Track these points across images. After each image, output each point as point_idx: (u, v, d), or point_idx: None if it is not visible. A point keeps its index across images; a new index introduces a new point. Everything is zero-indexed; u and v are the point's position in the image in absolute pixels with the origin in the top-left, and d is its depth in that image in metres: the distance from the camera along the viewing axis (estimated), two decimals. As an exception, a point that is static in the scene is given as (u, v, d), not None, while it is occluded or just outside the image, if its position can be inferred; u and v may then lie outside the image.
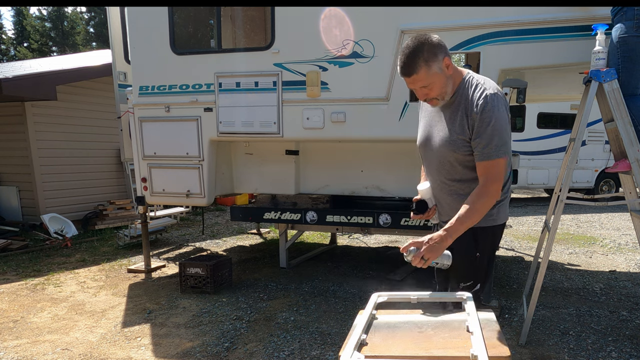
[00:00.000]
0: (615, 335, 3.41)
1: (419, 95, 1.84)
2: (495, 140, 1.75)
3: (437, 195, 2.04)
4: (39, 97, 6.91)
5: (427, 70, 1.74)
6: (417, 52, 1.73)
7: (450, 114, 1.87)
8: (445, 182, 1.96)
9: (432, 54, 1.74)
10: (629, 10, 2.78)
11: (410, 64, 1.73)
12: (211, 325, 3.67)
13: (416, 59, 1.72)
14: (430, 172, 2.02)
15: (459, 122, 1.83)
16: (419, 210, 2.05)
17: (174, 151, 4.50)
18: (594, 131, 10.44)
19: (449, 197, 1.98)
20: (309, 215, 4.56)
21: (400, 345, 1.36)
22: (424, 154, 2.04)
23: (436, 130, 1.93)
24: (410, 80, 1.78)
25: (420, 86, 1.79)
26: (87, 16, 32.13)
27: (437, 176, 1.98)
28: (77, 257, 5.97)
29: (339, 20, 3.83)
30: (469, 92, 1.82)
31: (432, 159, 1.97)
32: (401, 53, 1.76)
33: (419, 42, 1.73)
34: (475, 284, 1.94)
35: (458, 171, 1.90)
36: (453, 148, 1.85)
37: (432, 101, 1.86)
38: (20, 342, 3.42)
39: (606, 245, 6.51)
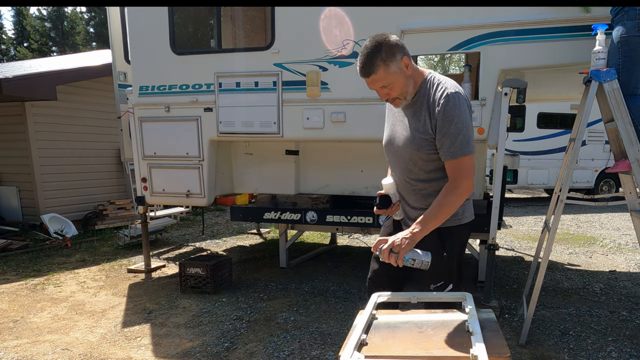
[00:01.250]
0: (615, 335, 3.41)
1: (380, 95, 1.86)
2: (460, 138, 1.78)
3: (402, 193, 2.05)
4: (39, 97, 6.90)
5: (386, 70, 1.75)
6: (375, 52, 1.73)
7: (413, 114, 1.89)
8: (409, 182, 1.98)
9: (390, 54, 1.74)
10: (630, 10, 2.78)
11: (369, 64, 1.74)
12: (211, 325, 3.67)
13: (374, 59, 1.73)
14: (394, 171, 2.05)
15: (422, 122, 1.85)
16: (383, 205, 2.04)
17: (174, 151, 4.51)
18: (594, 131, 10.44)
19: (413, 195, 2.00)
20: (309, 215, 4.56)
21: (400, 345, 1.36)
22: (388, 154, 2.07)
23: (400, 130, 1.96)
24: (370, 80, 1.78)
25: (380, 86, 1.80)
26: (87, 16, 32.13)
27: (402, 175, 2.00)
28: (77, 257, 5.97)
29: (339, 20, 3.83)
30: (431, 92, 1.83)
31: (396, 158, 2.00)
32: (360, 54, 1.76)
33: (376, 43, 1.74)
34: (446, 284, 1.95)
35: (422, 170, 1.92)
36: (417, 147, 1.87)
37: (394, 101, 1.87)
38: (20, 342, 3.42)
39: (606, 245, 6.51)
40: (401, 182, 2.02)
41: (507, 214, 9.52)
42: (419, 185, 1.96)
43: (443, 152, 1.82)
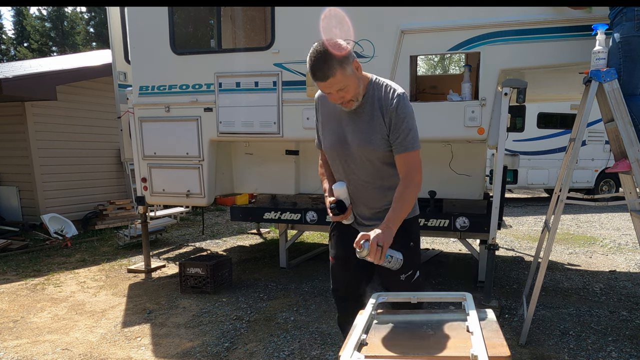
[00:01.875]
0: (615, 335, 3.41)
1: (334, 98, 1.85)
2: (410, 134, 1.89)
3: (357, 195, 2.06)
4: (39, 97, 6.91)
5: (343, 72, 1.76)
6: (331, 56, 1.74)
7: (366, 114, 1.93)
8: (367, 181, 2.01)
9: (344, 58, 1.77)
10: (629, 11, 2.79)
11: (326, 68, 1.74)
12: (211, 325, 3.67)
13: (331, 62, 1.74)
14: (346, 173, 2.04)
15: (376, 121, 1.91)
16: (340, 210, 2.03)
17: (174, 151, 4.51)
18: (594, 131, 10.44)
19: (372, 195, 2.03)
20: (309, 215, 4.56)
21: (400, 345, 1.37)
22: (338, 157, 2.04)
23: (351, 132, 1.96)
24: (327, 84, 1.78)
25: (337, 89, 1.80)
26: (87, 16, 32.12)
27: (358, 176, 2.01)
28: (77, 257, 5.97)
29: (339, 20, 3.82)
30: (381, 92, 1.91)
31: (351, 160, 2.00)
32: (313, 58, 1.76)
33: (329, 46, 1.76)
34: (414, 272, 2.05)
35: (380, 168, 1.98)
36: (374, 147, 1.92)
37: (348, 103, 1.88)
38: (20, 342, 3.42)
39: (606, 245, 6.51)
40: (358, 184, 2.03)
41: (507, 214, 9.52)
42: (378, 183, 2.01)
43: (396, 145, 1.90)
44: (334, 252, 2.22)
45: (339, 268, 2.21)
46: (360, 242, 1.72)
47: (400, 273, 1.99)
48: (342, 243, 2.15)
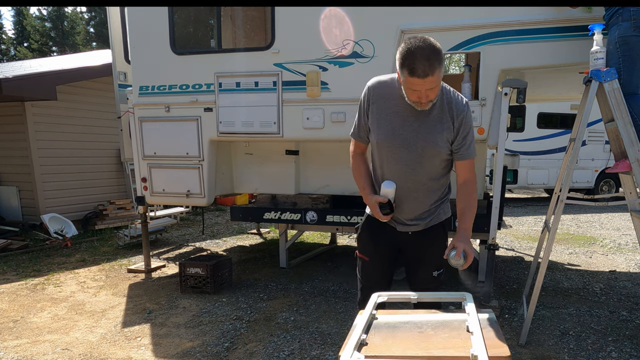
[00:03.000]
0: (615, 335, 3.41)
1: (419, 96, 1.83)
2: (473, 142, 2.02)
3: (404, 194, 2.04)
4: (39, 97, 6.90)
5: (439, 72, 1.78)
6: (435, 55, 1.76)
7: (435, 116, 1.95)
8: (421, 181, 2.03)
9: (442, 59, 1.80)
10: (625, 12, 2.80)
11: (430, 66, 1.74)
12: (211, 325, 3.67)
13: (435, 62, 1.75)
14: (399, 169, 2.02)
15: (445, 124, 1.95)
16: (392, 210, 2.02)
17: (174, 151, 4.50)
18: (594, 131, 10.44)
19: (422, 194, 2.05)
20: (309, 215, 4.56)
21: (400, 345, 1.36)
22: (392, 152, 2.01)
23: (416, 130, 1.96)
24: (423, 82, 1.76)
25: (428, 88, 1.80)
26: (87, 16, 32.14)
27: (413, 175, 2.01)
28: (77, 257, 5.97)
29: (339, 20, 3.82)
30: (450, 98, 1.96)
31: (407, 158, 1.99)
32: (415, 53, 1.74)
33: (433, 46, 1.77)
34: (443, 271, 2.18)
35: (437, 169, 2.03)
36: (440, 149, 1.97)
37: (427, 103, 1.87)
38: (20, 342, 3.42)
39: (606, 245, 6.51)
40: (409, 182, 2.02)
41: (507, 214, 9.52)
42: (431, 183, 2.05)
43: (462, 152, 1.99)
44: (366, 250, 2.21)
45: (372, 266, 2.21)
46: (459, 254, 1.89)
47: (434, 270, 2.12)
48: (376, 241, 2.18)
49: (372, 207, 2.05)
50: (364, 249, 2.22)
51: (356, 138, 2.15)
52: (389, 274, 2.23)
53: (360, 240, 2.26)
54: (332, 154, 4.68)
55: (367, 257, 2.21)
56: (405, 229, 2.11)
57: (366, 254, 2.21)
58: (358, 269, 2.29)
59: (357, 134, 2.14)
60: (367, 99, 2.05)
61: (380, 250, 2.18)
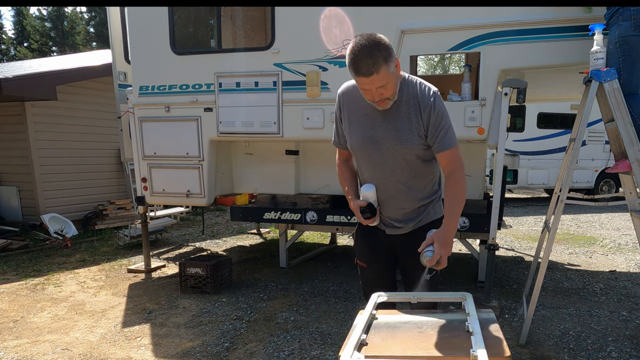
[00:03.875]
0: (615, 335, 3.41)
1: (372, 96, 1.78)
2: (450, 130, 1.89)
3: (387, 196, 2.00)
4: (39, 97, 6.91)
5: (386, 69, 1.70)
6: (377, 51, 1.67)
7: (402, 113, 1.88)
8: (401, 181, 1.97)
9: (389, 54, 1.70)
10: (625, 11, 2.80)
11: (371, 63, 1.67)
12: (211, 325, 3.67)
13: (377, 58, 1.67)
14: (377, 173, 1.98)
15: (414, 120, 1.87)
16: (372, 213, 1.96)
17: (174, 151, 4.50)
18: (594, 131, 10.44)
19: (403, 194, 1.99)
20: (309, 215, 4.56)
21: (400, 345, 1.36)
22: (367, 156, 1.97)
23: (385, 130, 1.90)
24: (369, 80, 1.71)
25: (378, 86, 1.74)
26: (87, 16, 32.14)
27: (390, 176, 1.96)
28: (77, 257, 5.97)
29: (339, 20, 3.83)
30: (415, 90, 1.87)
31: (381, 160, 1.94)
32: (357, 52, 1.68)
33: (375, 41, 1.69)
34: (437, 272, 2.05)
35: (415, 167, 1.95)
36: (412, 146, 1.89)
37: (384, 102, 1.81)
38: (20, 342, 3.42)
39: (606, 245, 6.51)
40: (389, 184, 1.98)
41: (507, 214, 9.52)
42: (411, 182, 1.98)
43: (438, 144, 1.87)
44: (363, 256, 2.18)
45: (371, 272, 2.18)
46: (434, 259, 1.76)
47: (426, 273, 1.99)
48: (371, 247, 2.14)
49: (355, 211, 2.01)
50: (361, 256, 2.20)
51: (337, 146, 2.13)
52: (389, 276, 2.19)
53: (357, 248, 2.24)
54: (332, 154, 4.60)
55: (365, 263, 2.18)
56: (394, 231, 2.06)
57: (363, 260, 2.19)
58: (359, 276, 2.27)
59: (337, 142, 2.12)
60: (338, 106, 2.03)
61: (376, 255, 2.15)
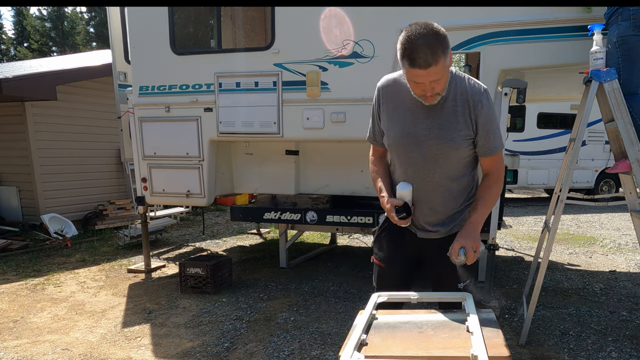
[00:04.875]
0: (615, 335, 3.41)
1: (423, 89, 1.65)
2: (498, 133, 1.81)
3: (424, 197, 1.87)
4: (39, 97, 6.90)
5: (444, 62, 1.58)
6: (437, 42, 1.55)
7: (448, 109, 1.76)
8: (439, 182, 1.85)
9: (447, 46, 1.59)
10: (624, 11, 2.81)
11: (431, 54, 1.54)
12: (211, 325, 3.67)
13: (437, 50, 1.55)
14: (415, 171, 1.86)
15: (461, 118, 1.75)
16: (408, 213, 1.83)
17: (174, 151, 4.50)
18: (594, 131, 10.44)
19: (440, 196, 1.87)
20: (309, 215, 4.56)
21: (400, 345, 1.36)
22: (406, 153, 1.85)
23: (429, 127, 1.78)
24: (425, 73, 1.58)
25: (432, 80, 1.61)
26: (87, 16, 32.14)
27: (429, 176, 1.84)
28: (77, 257, 5.97)
29: (339, 20, 3.83)
30: (465, 87, 1.76)
31: (422, 157, 1.82)
32: (414, 41, 1.55)
33: (435, 31, 1.56)
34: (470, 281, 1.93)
35: (456, 168, 1.84)
36: (457, 145, 1.78)
37: (434, 97, 1.69)
38: (20, 342, 3.42)
39: (606, 245, 6.51)
40: (427, 185, 1.85)
41: (507, 214, 9.52)
42: (450, 184, 1.86)
43: (487, 147, 1.80)
44: (384, 257, 2.03)
45: (389, 274, 2.01)
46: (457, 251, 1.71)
47: (458, 282, 1.88)
48: (395, 248, 2.00)
49: (388, 211, 1.87)
50: (382, 255, 2.03)
51: (372, 142, 2.03)
52: (407, 283, 2.00)
53: (377, 245, 2.07)
54: (332, 154, 4.68)
55: (384, 263, 2.02)
56: (426, 235, 1.93)
57: (383, 260, 2.02)
58: (374, 276, 2.09)
59: (372, 138, 2.01)
60: (377, 100, 1.92)
61: (399, 257, 1.99)
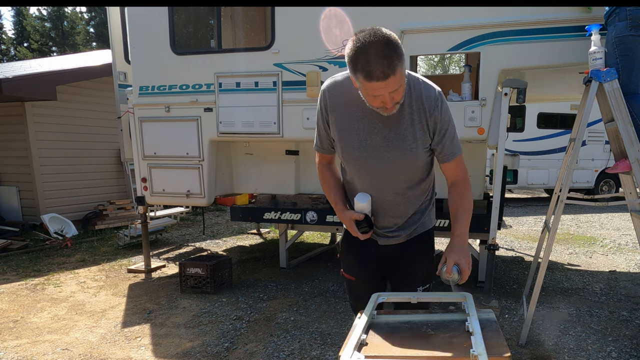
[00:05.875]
0: (615, 335, 3.41)
1: (382, 101, 1.51)
2: (456, 138, 1.72)
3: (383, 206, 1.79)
4: (39, 97, 6.91)
5: (401, 69, 1.45)
6: (390, 49, 1.41)
7: (405, 118, 1.65)
8: (399, 192, 1.77)
9: (402, 51, 1.44)
10: (621, 11, 2.82)
11: (388, 64, 1.40)
12: (211, 325, 3.67)
13: (393, 57, 1.41)
14: (372, 183, 1.76)
15: (418, 125, 1.65)
16: (370, 226, 1.76)
17: (174, 151, 4.51)
18: (594, 131, 10.44)
19: (401, 203, 1.80)
20: (309, 215, 4.56)
21: (400, 345, 1.36)
22: (363, 165, 1.73)
23: (385, 137, 1.67)
24: (384, 84, 1.43)
25: (391, 90, 1.47)
26: (87, 16, 32.13)
27: (388, 187, 1.75)
28: (77, 257, 5.97)
29: (339, 20, 3.83)
30: (420, 91, 1.64)
31: (379, 169, 1.72)
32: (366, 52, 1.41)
33: (385, 37, 1.42)
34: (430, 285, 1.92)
35: (417, 175, 1.77)
36: (416, 155, 1.69)
37: (393, 107, 1.55)
38: (20, 342, 3.42)
39: (606, 245, 6.51)
40: (387, 195, 1.77)
41: (507, 214, 9.52)
42: (409, 193, 1.79)
43: (445, 152, 1.70)
44: (351, 269, 1.96)
45: (360, 286, 1.95)
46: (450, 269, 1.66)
47: (418, 285, 1.87)
48: (360, 259, 1.93)
49: (348, 225, 1.79)
50: (349, 269, 1.97)
51: (320, 151, 1.86)
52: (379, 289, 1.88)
53: (344, 260, 2.00)
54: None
55: (353, 276, 1.96)
56: (387, 241, 1.86)
57: (352, 273, 1.96)
58: (346, 289, 2.07)
59: (320, 147, 1.85)
60: (323, 105, 1.74)
61: (366, 267, 1.93)
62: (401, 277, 1.91)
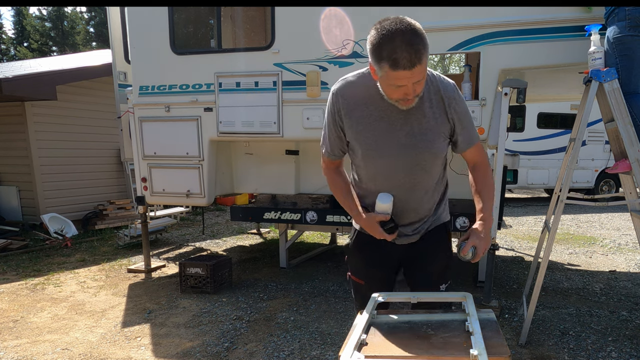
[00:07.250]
0: (615, 335, 3.41)
1: (406, 93, 1.47)
2: (473, 124, 1.73)
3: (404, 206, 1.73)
4: (39, 97, 6.91)
5: (427, 59, 1.41)
6: (418, 39, 1.38)
7: (427, 112, 1.61)
8: (424, 188, 1.73)
9: (427, 43, 1.41)
10: (620, 12, 2.82)
11: (415, 52, 1.36)
12: (211, 325, 3.67)
13: (419, 46, 1.37)
14: (394, 182, 1.69)
15: (439, 119, 1.62)
16: (396, 226, 1.70)
17: (174, 151, 4.51)
18: (594, 131, 10.44)
19: (421, 202, 1.75)
20: (309, 215, 4.56)
21: (400, 345, 1.36)
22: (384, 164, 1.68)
23: (408, 134, 1.63)
24: (410, 74, 1.39)
25: (416, 81, 1.43)
26: (87, 16, 32.14)
27: (411, 185, 1.70)
28: (77, 257, 5.97)
29: (339, 20, 3.83)
30: (437, 85, 1.62)
31: (402, 167, 1.67)
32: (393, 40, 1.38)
33: (411, 25, 1.41)
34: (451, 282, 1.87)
35: (439, 170, 1.74)
36: (440, 149, 1.67)
37: (412, 100, 1.51)
38: (20, 342, 3.42)
39: (606, 245, 6.51)
40: (409, 193, 1.71)
41: (507, 214, 9.52)
42: (431, 188, 1.75)
43: (466, 141, 1.69)
44: (360, 272, 1.89)
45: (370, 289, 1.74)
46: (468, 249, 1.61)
47: (440, 284, 1.82)
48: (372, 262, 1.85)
49: (372, 228, 1.70)
50: (358, 272, 1.89)
51: (331, 157, 1.81)
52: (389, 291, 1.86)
53: (352, 262, 1.92)
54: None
55: (363, 280, 1.87)
56: (406, 240, 1.79)
57: (361, 277, 1.88)
58: (353, 293, 1.95)
59: (330, 153, 1.79)
60: (335, 108, 1.67)
61: (378, 270, 1.85)
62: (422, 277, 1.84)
